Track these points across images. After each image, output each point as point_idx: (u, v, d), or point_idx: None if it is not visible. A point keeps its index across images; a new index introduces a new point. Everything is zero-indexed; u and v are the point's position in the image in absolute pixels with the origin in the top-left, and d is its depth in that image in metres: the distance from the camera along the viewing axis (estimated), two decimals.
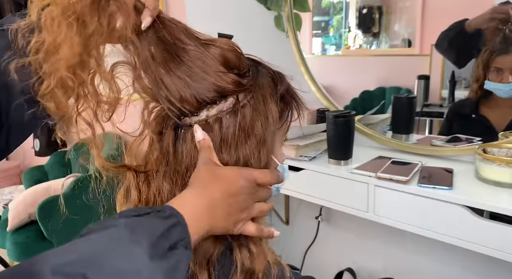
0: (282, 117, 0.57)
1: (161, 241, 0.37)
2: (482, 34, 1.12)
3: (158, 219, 0.39)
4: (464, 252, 0.94)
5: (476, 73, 1.15)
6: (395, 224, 1.02)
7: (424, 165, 1.10)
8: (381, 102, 1.40)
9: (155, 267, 0.36)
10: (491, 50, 1.10)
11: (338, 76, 1.58)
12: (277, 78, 0.55)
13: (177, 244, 0.39)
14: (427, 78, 1.30)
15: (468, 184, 0.98)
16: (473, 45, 1.15)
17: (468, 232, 0.90)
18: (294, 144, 1.19)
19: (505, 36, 1.08)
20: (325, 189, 1.15)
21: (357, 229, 1.47)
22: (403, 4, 1.38)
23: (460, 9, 1.21)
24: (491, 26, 1.09)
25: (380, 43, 1.45)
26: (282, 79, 0.57)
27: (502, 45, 1.09)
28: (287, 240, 1.72)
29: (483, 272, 1.18)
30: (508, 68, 1.08)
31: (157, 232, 0.38)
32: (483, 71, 1.12)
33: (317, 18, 1.57)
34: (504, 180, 0.93)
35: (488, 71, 1.11)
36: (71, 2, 0.42)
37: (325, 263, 1.59)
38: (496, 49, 1.10)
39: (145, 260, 0.35)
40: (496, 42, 1.10)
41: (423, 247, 1.29)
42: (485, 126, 1.17)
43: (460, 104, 1.25)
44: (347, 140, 1.15)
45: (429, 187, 0.95)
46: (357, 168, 1.10)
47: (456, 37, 1.16)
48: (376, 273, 1.43)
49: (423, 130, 1.34)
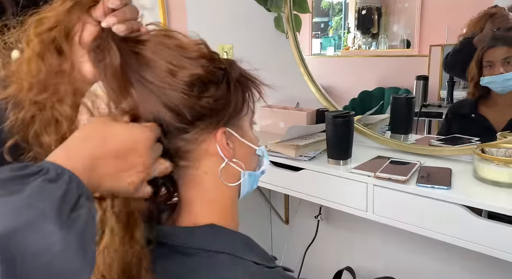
0: (244, 103, 0.58)
1: (63, 206, 0.35)
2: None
3: (49, 184, 0.36)
4: (462, 251, 0.94)
5: (471, 73, 1.16)
6: (394, 223, 1.02)
7: (422, 165, 1.10)
8: (380, 102, 1.40)
9: (66, 235, 0.34)
10: (481, 47, 1.14)
11: (337, 77, 1.59)
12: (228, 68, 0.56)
13: (77, 202, 0.37)
14: (426, 78, 1.31)
15: (466, 183, 0.98)
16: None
17: (467, 231, 0.90)
18: (293, 143, 1.20)
19: (494, 35, 1.12)
20: (325, 189, 1.16)
21: (356, 228, 1.48)
22: (402, 5, 1.39)
23: (458, 10, 1.22)
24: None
25: (379, 44, 1.46)
26: (233, 65, 0.57)
27: (492, 40, 1.13)
28: (286, 240, 1.72)
29: (481, 271, 1.19)
30: (498, 60, 1.11)
31: (55, 197, 0.35)
32: (477, 68, 1.14)
33: (316, 19, 1.58)
34: (502, 180, 0.94)
35: (482, 67, 1.13)
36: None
37: (324, 262, 1.60)
38: (485, 45, 1.13)
39: (56, 231, 0.33)
40: (486, 39, 1.13)
41: (421, 246, 1.29)
42: (484, 126, 1.18)
43: (459, 104, 1.26)
44: (346, 140, 1.15)
45: (428, 187, 0.96)
46: (356, 167, 1.11)
47: (469, 57, 1.18)
48: (375, 272, 1.44)
49: (421, 131, 1.34)
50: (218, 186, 0.57)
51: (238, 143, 0.58)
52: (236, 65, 0.57)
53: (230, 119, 0.56)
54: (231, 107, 0.55)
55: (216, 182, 0.57)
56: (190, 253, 0.53)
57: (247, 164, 0.59)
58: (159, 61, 0.50)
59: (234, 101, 0.55)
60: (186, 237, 0.55)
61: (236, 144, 0.57)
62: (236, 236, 0.57)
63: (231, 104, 0.55)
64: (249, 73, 0.59)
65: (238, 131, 0.57)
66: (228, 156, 0.56)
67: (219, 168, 0.56)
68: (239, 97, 0.56)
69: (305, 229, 1.62)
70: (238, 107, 0.56)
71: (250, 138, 0.60)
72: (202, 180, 0.56)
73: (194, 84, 0.51)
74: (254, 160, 0.62)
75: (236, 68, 0.57)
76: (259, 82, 0.59)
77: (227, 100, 0.54)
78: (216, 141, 0.54)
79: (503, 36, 1.12)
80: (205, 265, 0.52)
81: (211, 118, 0.53)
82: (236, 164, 0.57)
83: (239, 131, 0.57)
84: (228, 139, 0.56)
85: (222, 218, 0.58)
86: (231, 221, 0.59)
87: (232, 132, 0.56)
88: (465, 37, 1.18)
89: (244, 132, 0.59)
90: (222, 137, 0.54)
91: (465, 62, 1.18)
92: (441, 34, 1.26)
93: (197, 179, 0.56)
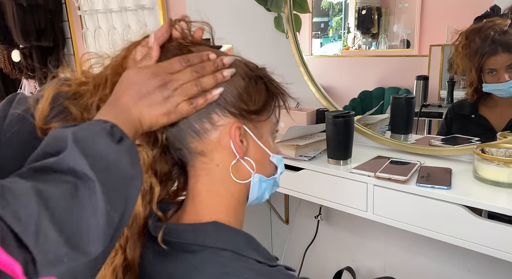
0: (267, 108, 0.59)
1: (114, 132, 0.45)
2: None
3: (99, 125, 0.46)
4: (462, 251, 0.95)
5: (469, 78, 1.16)
6: (394, 223, 1.02)
7: (422, 165, 1.10)
8: (380, 102, 1.40)
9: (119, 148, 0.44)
10: (481, 54, 1.12)
11: (337, 77, 1.59)
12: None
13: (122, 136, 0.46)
14: (426, 78, 1.30)
15: (466, 183, 0.98)
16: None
17: (466, 231, 0.90)
18: (293, 143, 1.20)
19: (493, 39, 1.10)
20: (325, 189, 1.16)
21: (356, 228, 1.48)
22: (402, 5, 1.39)
23: (458, 10, 1.22)
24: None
25: (379, 44, 1.46)
26: (263, 71, 0.60)
27: (491, 47, 1.10)
28: (286, 240, 1.73)
29: (481, 271, 1.19)
30: (502, 67, 1.08)
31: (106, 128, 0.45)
32: (477, 74, 1.13)
33: (316, 19, 1.57)
34: (502, 180, 0.94)
35: (483, 74, 1.12)
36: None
37: (324, 262, 1.60)
38: (485, 51, 1.11)
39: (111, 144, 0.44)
40: (485, 45, 1.11)
41: (421, 246, 1.29)
42: (484, 126, 1.17)
43: (460, 105, 1.26)
44: (346, 139, 1.15)
45: (428, 187, 0.96)
46: (356, 167, 1.11)
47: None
48: (375, 272, 1.44)
49: (422, 131, 1.34)
50: (227, 181, 0.58)
51: (253, 143, 0.58)
52: (266, 72, 0.60)
53: (248, 116, 0.57)
54: (251, 104, 0.56)
55: (225, 177, 0.58)
56: (193, 250, 0.54)
57: (259, 167, 0.59)
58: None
59: (256, 100, 0.57)
60: (190, 234, 0.55)
61: (251, 143, 0.58)
62: (239, 234, 0.58)
63: (252, 101, 0.57)
64: (278, 83, 0.61)
65: (254, 131, 0.58)
66: (240, 152, 0.56)
67: (231, 163, 0.57)
68: (262, 98, 0.58)
69: (305, 229, 1.62)
70: (259, 107, 0.57)
71: (267, 143, 0.60)
72: (213, 171, 0.57)
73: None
74: (268, 166, 0.62)
75: (266, 75, 0.60)
76: (286, 94, 0.61)
77: (249, 95, 0.56)
78: (229, 134, 0.55)
79: (503, 42, 1.09)
80: (208, 262, 0.53)
81: (233, 107, 0.55)
82: (248, 163, 0.58)
83: (255, 132, 0.58)
84: (242, 137, 0.56)
85: (226, 216, 0.58)
86: (235, 220, 0.59)
87: (248, 130, 0.57)
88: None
89: (261, 136, 0.59)
90: (236, 132, 0.55)
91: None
92: (441, 34, 1.26)
93: (208, 169, 0.57)
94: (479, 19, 1.11)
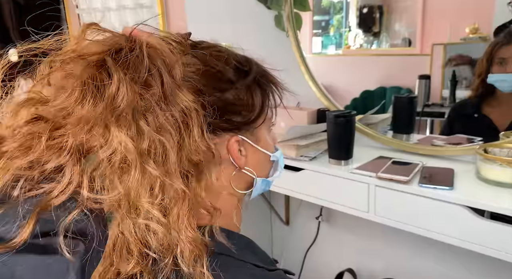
0: (263, 110, 0.55)
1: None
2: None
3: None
4: (464, 252, 0.94)
5: (480, 68, 1.13)
6: (396, 224, 1.01)
7: (424, 165, 1.09)
8: (381, 102, 1.39)
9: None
10: (494, 43, 1.10)
11: (338, 76, 1.58)
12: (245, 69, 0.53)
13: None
14: (428, 78, 1.29)
15: (469, 184, 0.97)
16: None
17: (469, 232, 0.89)
18: (294, 143, 1.18)
19: (510, 31, 1.08)
20: (326, 189, 1.15)
21: (357, 229, 1.46)
22: (404, 3, 1.38)
23: (460, 8, 1.21)
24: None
25: (381, 43, 1.45)
26: (252, 66, 0.55)
27: (507, 37, 1.09)
28: (287, 241, 1.72)
29: (483, 272, 1.18)
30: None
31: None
32: (487, 64, 1.11)
33: (317, 17, 1.56)
34: (505, 180, 0.93)
35: (492, 63, 1.10)
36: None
37: (325, 263, 1.59)
38: (499, 41, 1.09)
39: None
40: (501, 36, 1.09)
41: (423, 247, 1.28)
42: (487, 126, 1.16)
43: (462, 104, 1.24)
44: (348, 139, 1.14)
45: (430, 187, 0.95)
46: (357, 168, 1.10)
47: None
48: (376, 273, 1.43)
49: (424, 130, 1.33)
50: (227, 190, 0.55)
51: (252, 148, 0.56)
52: (256, 66, 0.55)
53: (245, 127, 0.53)
54: (246, 114, 0.53)
55: (225, 186, 0.55)
56: None
57: (260, 170, 0.58)
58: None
59: (251, 106, 0.53)
60: None
61: (250, 150, 0.55)
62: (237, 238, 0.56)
63: (247, 110, 0.53)
64: (270, 77, 0.56)
65: (251, 138, 0.55)
66: (240, 164, 0.54)
67: (231, 174, 0.54)
68: (257, 102, 0.54)
69: (306, 230, 1.61)
70: (255, 116, 0.54)
71: (266, 144, 0.58)
72: (211, 182, 0.55)
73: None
74: (268, 166, 0.60)
75: (258, 70, 0.55)
76: (280, 87, 0.57)
77: (243, 105, 0.52)
78: (227, 148, 0.52)
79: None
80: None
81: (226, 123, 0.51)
82: (248, 171, 0.56)
83: (252, 139, 0.55)
84: (241, 146, 0.54)
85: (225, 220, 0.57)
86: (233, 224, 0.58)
87: (246, 139, 0.54)
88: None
89: (260, 139, 0.56)
90: (235, 145, 0.53)
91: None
92: (443, 32, 1.25)
93: (208, 181, 0.55)
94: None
